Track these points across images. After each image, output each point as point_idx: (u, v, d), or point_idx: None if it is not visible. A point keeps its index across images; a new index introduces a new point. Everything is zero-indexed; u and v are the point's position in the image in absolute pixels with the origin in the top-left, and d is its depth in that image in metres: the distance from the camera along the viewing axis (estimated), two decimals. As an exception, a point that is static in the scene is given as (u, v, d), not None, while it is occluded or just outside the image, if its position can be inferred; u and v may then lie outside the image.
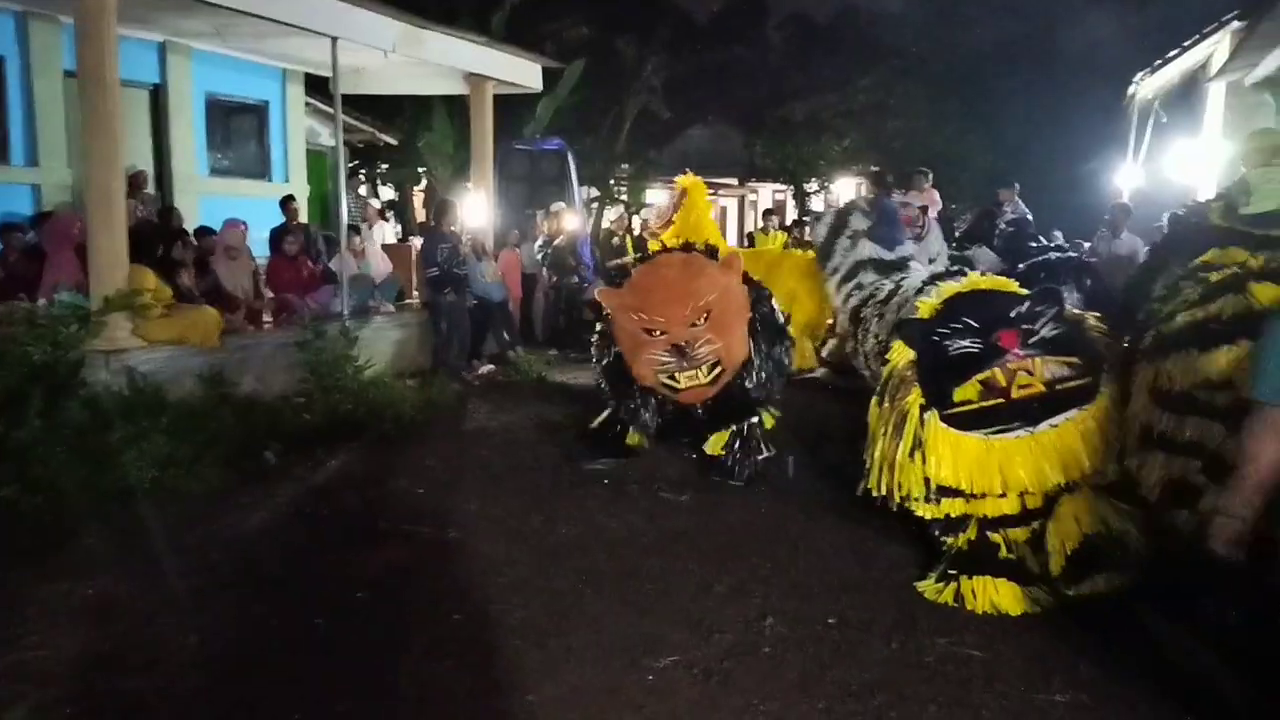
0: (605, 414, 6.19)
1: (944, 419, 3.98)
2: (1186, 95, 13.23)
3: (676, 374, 5.36)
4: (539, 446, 6.61)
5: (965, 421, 3.95)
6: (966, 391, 3.93)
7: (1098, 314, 4.46)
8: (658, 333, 5.33)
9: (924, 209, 8.55)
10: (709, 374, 5.38)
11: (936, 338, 4.10)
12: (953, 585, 4.00)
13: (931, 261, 7.33)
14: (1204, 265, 4.02)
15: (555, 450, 6.46)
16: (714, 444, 5.79)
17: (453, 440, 6.80)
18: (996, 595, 3.89)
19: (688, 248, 5.98)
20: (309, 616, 3.89)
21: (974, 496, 3.97)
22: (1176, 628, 3.28)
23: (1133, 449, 3.86)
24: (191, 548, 4.66)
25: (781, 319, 6.03)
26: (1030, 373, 3.88)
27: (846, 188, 25.76)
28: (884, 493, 4.26)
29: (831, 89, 24.31)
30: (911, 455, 4.04)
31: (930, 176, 12.53)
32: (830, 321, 8.49)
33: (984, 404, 3.90)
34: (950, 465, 3.95)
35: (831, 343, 8.41)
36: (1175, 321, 3.75)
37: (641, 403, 5.78)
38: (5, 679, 3.38)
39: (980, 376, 3.89)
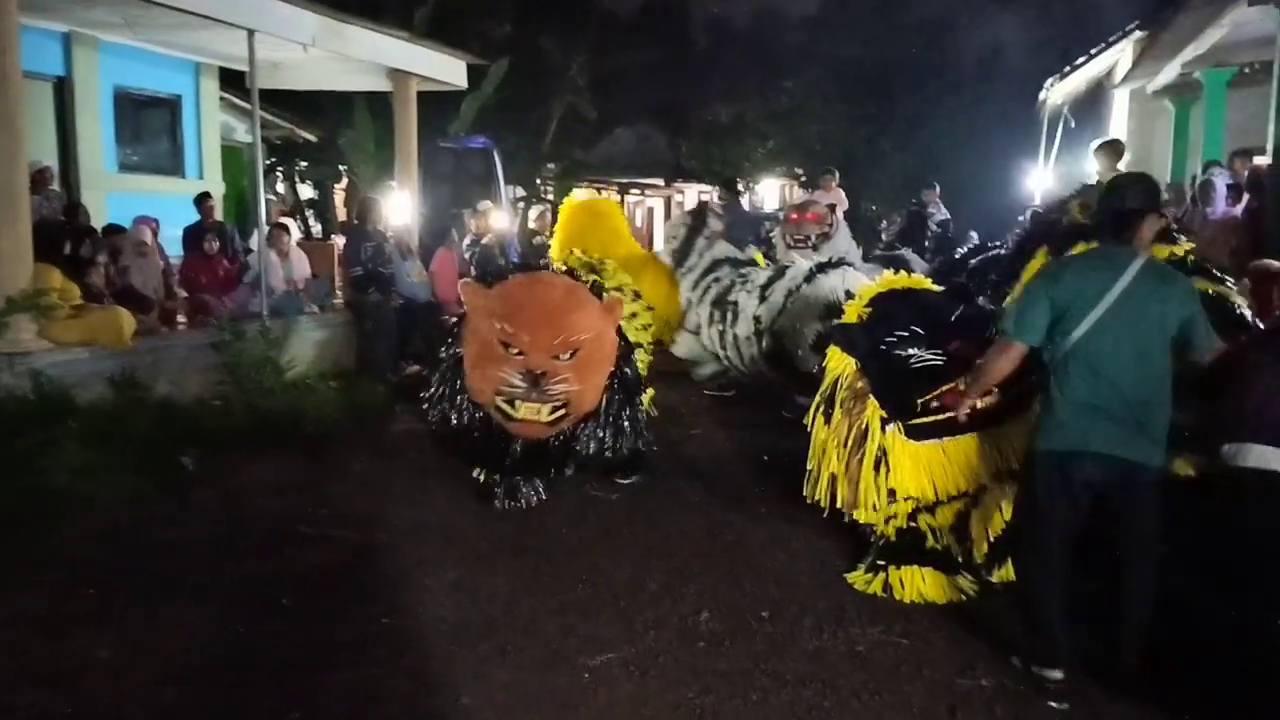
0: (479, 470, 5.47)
1: (907, 431, 4.00)
2: (1094, 101, 13.76)
3: (518, 401, 4.85)
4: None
5: (928, 431, 4.00)
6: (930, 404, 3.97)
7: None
8: (515, 351, 4.83)
9: (831, 207, 8.62)
10: (550, 414, 4.90)
11: (884, 347, 4.12)
12: (881, 576, 4.08)
13: (842, 259, 7.44)
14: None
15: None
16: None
17: (379, 443, 6.66)
18: (923, 585, 3.99)
19: (574, 275, 5.51)
20: (229, 625, 3.77)
21: (936, 504, 4.04)
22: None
23: None
24: (103, 557, 4.48)
25: (638, 382, 5.58)
26: None
27: (771, 189, 26.14)
28: (841, 506, 4.23)
29: (754, 92, 24.60)
30: (876, 469, 4.02)
31: (837, 175, 12.64)
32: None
33: (949, 414, 3.93)
34: (914, 477, 3.99)
35: (682, 338, 8.17)
36: None
37: (473, 422, 5.20)
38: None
39: (945, 387, 3.92)
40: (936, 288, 4.42)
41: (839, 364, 4.34)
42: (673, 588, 4.14)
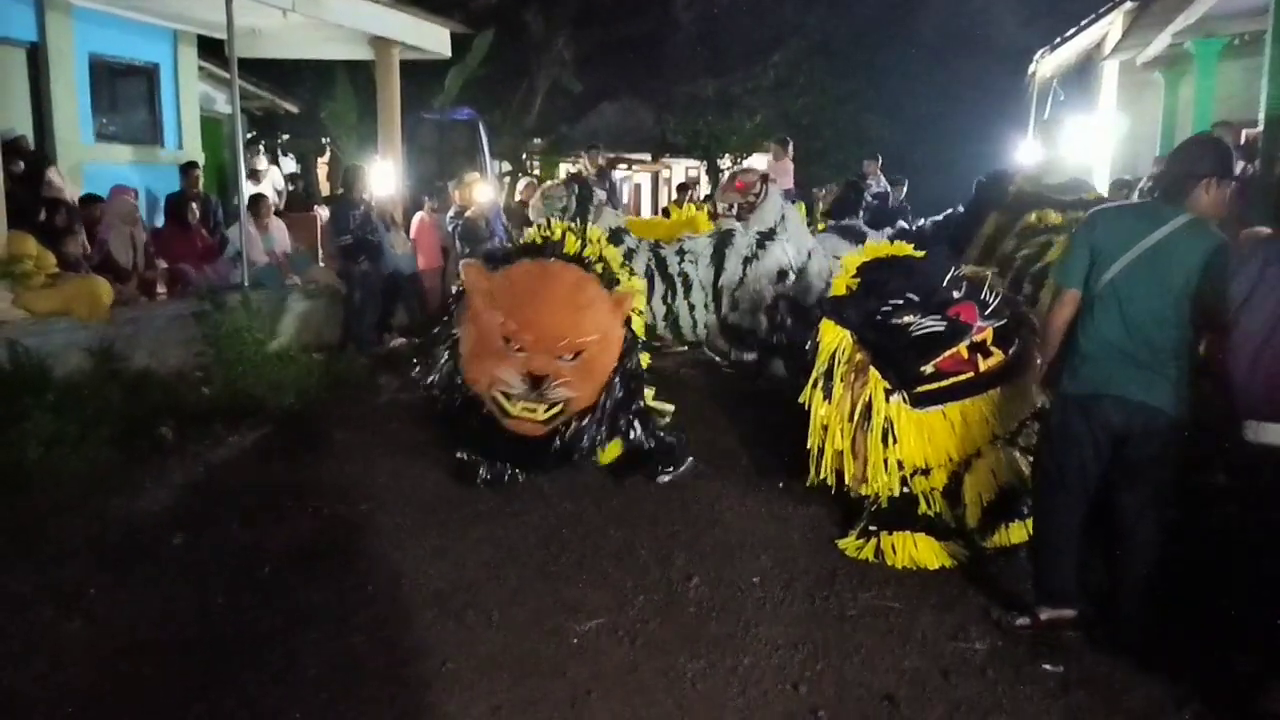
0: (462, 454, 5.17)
1: (912, 401, 3.96)
2: (1083, 73, 13.69)
3: (515, 399, 4.66)
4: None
5: (930, 400, 3.96)
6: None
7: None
8: (517, 348, 4.61)
9: (764, 176, 8.23)
10: (546, 413, 4.70)
11: (880, 317, 4.06)
12: (873, 541, 4.03)
13: (772, 230, 7.35)
14: (1030, 227, 6.19)
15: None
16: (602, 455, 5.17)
17: (362, 415, 6.55)
18: (915, 550, 3.94)
19: (584, 263, 5.02)
20: (207, 596, 3.69)
21: (936, 469, 4.02)
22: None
23: None
24: (78, 529, 4.37)
25: (640, 376, 5.23)
26: (989, 344, 3.91)
27: (759, 163, 25.99)
28: (849, 482, 4.19)
29: (740, 66, 24.37)
30: (885, 442, 3.98)
31: (790, 146, 12.23)
32: None
33: (954, 380, 3.88)
34: (921, 446, 3.96)
35: None
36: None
37: (467, 407, 4.98)
38: None
39: (948, 353, 3.87)
40: (920, 254, 4.36)
41: (833, 337, 4.26)
42: (662, 555, 4.08)
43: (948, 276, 4.22)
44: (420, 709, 2.88)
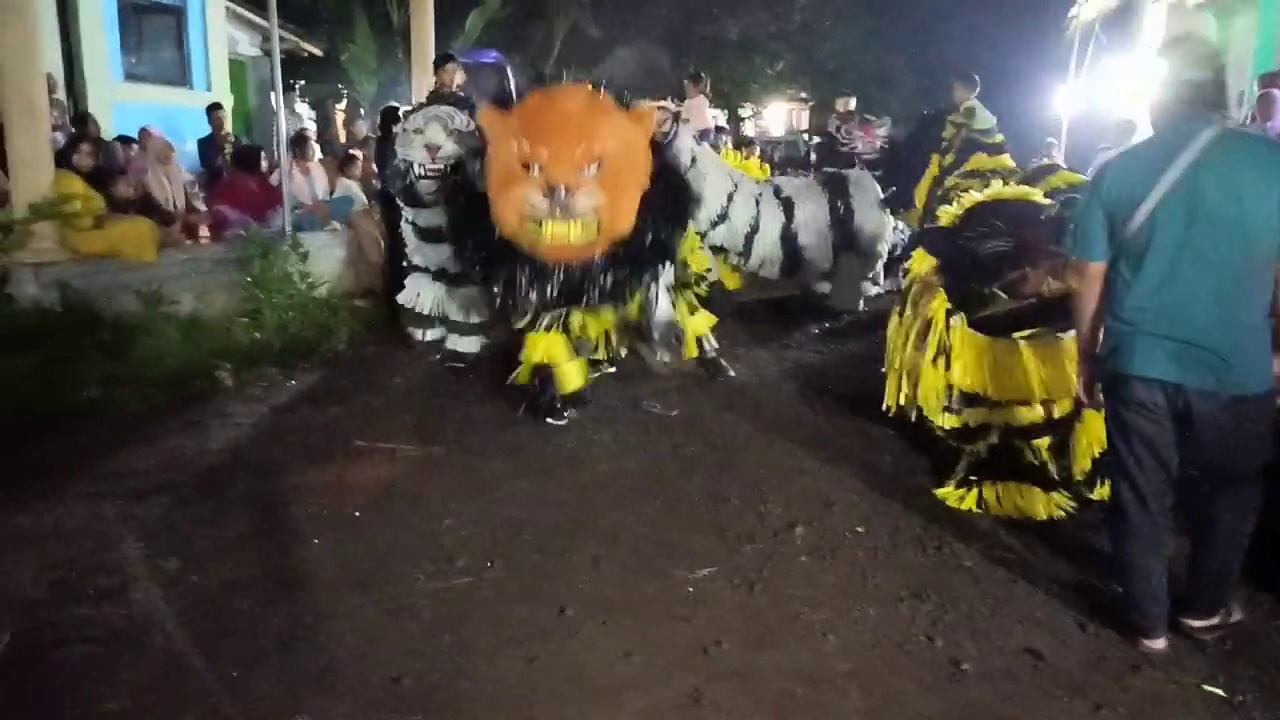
0: (522, 365, 5.18)
1: (972, 323, 3.85)
2: (1126, 16, 13.31)
3: (543, 221, 4.43)
4: (511, 365, 6.29)
5: (994, 325, 3.84)
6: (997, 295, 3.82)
7: None
8: (536, 169, 4.42)
9: (676, 115, 7.63)
10: (580, 233, 4.47)
11: (962, 242, 3.96)
12: (974, 491, 3.92)
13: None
14: (976, 170, 6.96)
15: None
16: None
17: (414, 359, 6.43)
18: (1021, 500, 3.83)
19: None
20: (297, 535, 3.60)
21: (998, 404, 3.87)
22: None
23: None
24: (149, 469, 4.29)
25: (689, 200, 4.98)
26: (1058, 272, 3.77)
27: (778, 113, 25.56)
28: (903, 404, 4.14)
29: (763, 8, 23.85)
30: (935, 362, 3.91)
31: (705, 82, 10.71)
32: None
33: (1015, 305, 3.78)
34: (976, 371, 3.84)
35: None
36: None
37: (505, 258, 4.70)
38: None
39: (1013, 276, 3.75)
40: (1045, 200, 4.21)
41: (920, 264, 4.29)
42: (754, 503, 3.97)
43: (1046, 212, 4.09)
44: (549, 653, 2.79)
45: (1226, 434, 2.70)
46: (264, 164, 8.56)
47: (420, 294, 6.15)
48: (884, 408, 4.44)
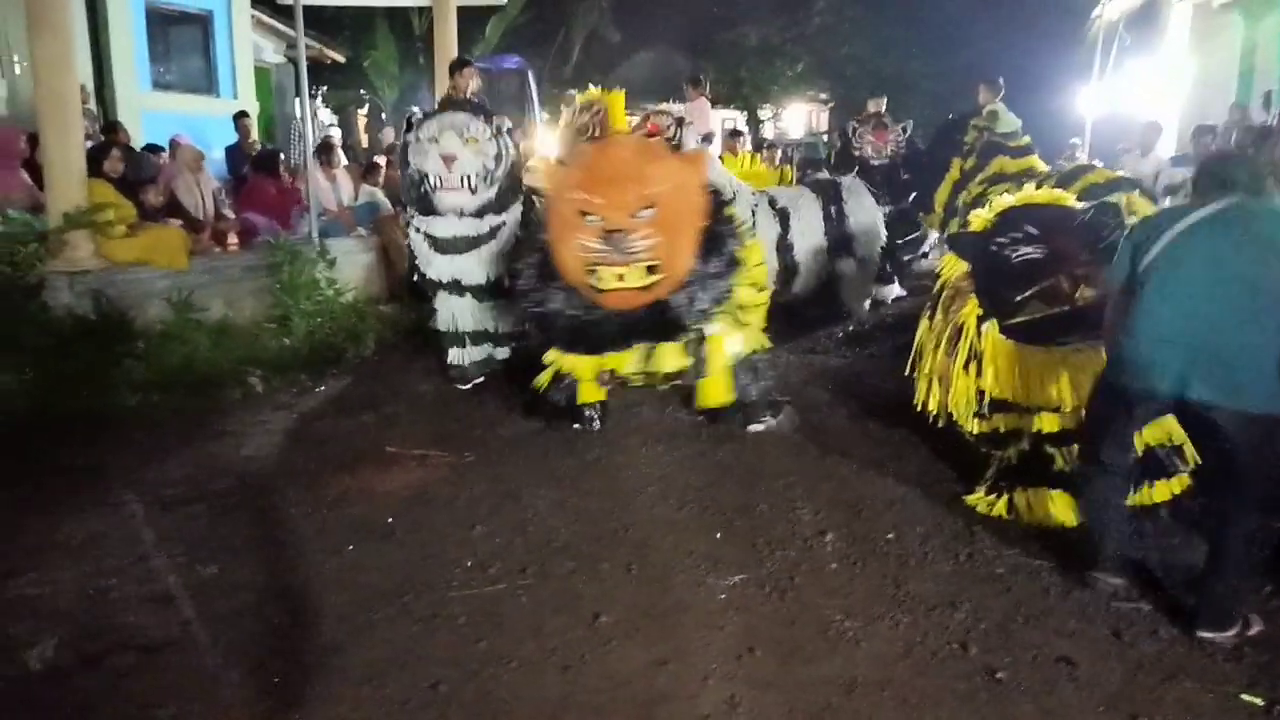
0: (546, 370, 5.17)
1: (1003, 330, 3.85)
2: (1151, 17, 13.23)
3: (602, 269, 4.54)
4: (536, 371, 6.33)
5: (1026, 332, 3.83)
6: (1029, 302, 3.81)
7: None
8: (593, 217, 4.54)
9: (679, 120, 7.42)
10: (641, 277, 4.56)
11: (994, 248, 3.96)
12: (1005, 498, 3.92)
13: None
14: (999, 174, 7.46)
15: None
16: (704, 396, 5.09)
17: (443, 366, 6.47)
18: (1052, 506, 3.82)
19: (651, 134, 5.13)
20: (336, 543, 3.64)
21: (1028, 410, 3.87)
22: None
23: None
24: (186, 476, 4.35)
25: (740, 245, 5.03)
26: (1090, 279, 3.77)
27: (798, 114, 25.53)
28: (933, 409, 4.15)
29: (782, 13, 23.85)
30: (966, 368, 3.92)
31: (706, 85, 10.49)
32: None
33: (1047, 313, 3.77)
34: (1007, 377, 3.84)
35: None
36: None
37: (566, 302, 4.83)
38: (8, 617, 3.09)
39: (1045, 283, 3.75)
40: (1078, 205, 4.20)
41: (951, 268, 4.30)
42: (784, 510, 3.99)
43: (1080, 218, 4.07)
44: (585, 662, 2.82)
45: (1237, 449, 2.89)
46: (281, 168, 8.63)
47: (455, 314, 5.92)
48: (914, 409, 4.44)
